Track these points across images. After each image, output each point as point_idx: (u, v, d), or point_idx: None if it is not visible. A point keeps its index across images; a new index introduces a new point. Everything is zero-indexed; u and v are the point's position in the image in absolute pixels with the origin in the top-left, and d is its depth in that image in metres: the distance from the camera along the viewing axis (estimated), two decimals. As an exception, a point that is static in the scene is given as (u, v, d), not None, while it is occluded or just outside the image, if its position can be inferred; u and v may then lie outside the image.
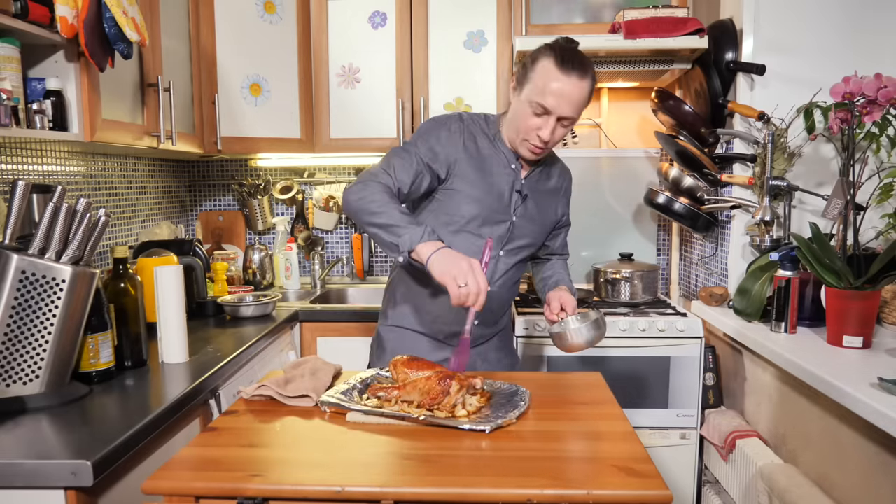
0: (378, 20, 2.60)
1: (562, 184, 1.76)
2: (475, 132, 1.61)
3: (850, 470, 1.47)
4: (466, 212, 1.59)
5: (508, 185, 1.62)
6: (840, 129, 1.77)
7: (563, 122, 1.50)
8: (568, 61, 1.46)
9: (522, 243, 1.67)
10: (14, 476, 1.09)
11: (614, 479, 1.00)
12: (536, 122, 1.50)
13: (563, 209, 1.78)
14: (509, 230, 1.64)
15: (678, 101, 2.38)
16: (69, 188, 2.08)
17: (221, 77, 2.42)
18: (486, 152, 1.60)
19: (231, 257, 2.76)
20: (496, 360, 1.77)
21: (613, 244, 2.85)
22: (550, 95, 1.46)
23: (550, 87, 1.45)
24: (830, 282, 1.73)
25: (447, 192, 1.59)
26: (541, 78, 1.47)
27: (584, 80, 1.47)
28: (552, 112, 1.48)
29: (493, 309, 1.68)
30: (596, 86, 1.56)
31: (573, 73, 1.45)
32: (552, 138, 1.52)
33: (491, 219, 1.61)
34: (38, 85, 1.59)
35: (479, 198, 1.58)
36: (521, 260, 1.70)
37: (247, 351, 1.86)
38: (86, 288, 1.39)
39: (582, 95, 1.48)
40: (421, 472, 1.03)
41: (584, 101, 1.50)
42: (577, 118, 1.52)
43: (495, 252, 1.63)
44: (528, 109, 1.50)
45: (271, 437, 1.18)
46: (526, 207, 1.65)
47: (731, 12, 2.26)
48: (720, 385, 2.26)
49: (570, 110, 1.48)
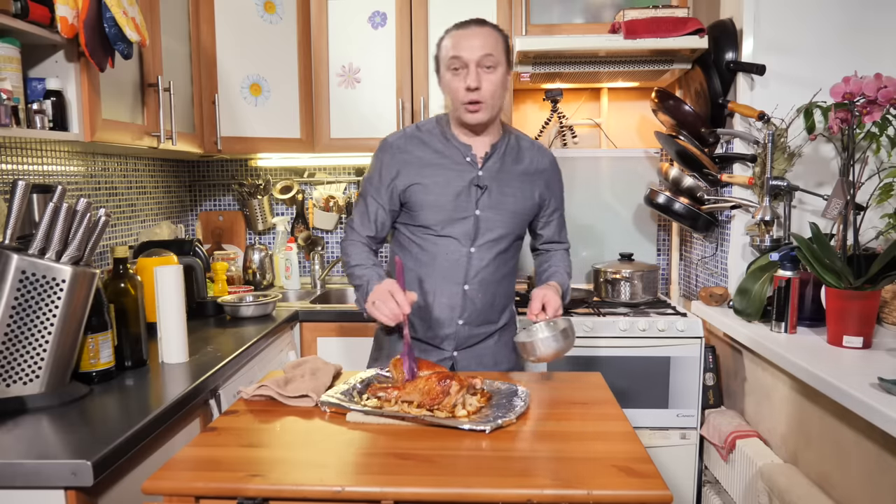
0: (378, 20, 2.60)
1: (537, 166, 1.70)
2: (425, 138, 1.66)
3: (850, 470, 1.47)
4: (428, 217, 1.63)
5: (466, 181, 1.62)
6: (840, 129, 1.77)
7: (483, 64, 1.53)
8: (463, 23, 1.57)
9: (494, 236, 1.65)
10: (14, 476, 1.09)
11: (614, 479, 1.00)
12: (459, 80, 1.55)
13: (543, 192, 1.71)
14: (475, 225, 1.63)
15: (678, 101, 2.38)
16: (69, 188, 2.08)
17: (221, 77, 2.42)
18: (438, 153, 1.64)
19: (231, 257, 2.76)
20: (493, 362, 1.74)
21: (613, 244, 2.85)
22: (458, 48, 1.54)
23: (456, 43, 1.55)
24: (830, 282, 1.73)
25: (410, 204, 1.64)
26: (445, 47, 1.57)
27: (482, 26, 1.56)
28: (467, 60, 1.53)
29: (477, 307, 1.67)
30: (507, 38, 1.61)
31: (470, 25, 1.56)
32: (482, 86, 1.54)
33: (454, 217, 1.62)
34: (38, 85, 1.59)
35: (436, 201, 1.62)
36: (500, 253, 1.67)
37: (247, 351, 1.86)
38: (86, 288, 1.39)
39: (488, 37, 1.54)
40: (421, 472, 1.03)
41: (493, 42, 1.55)
42: (498, 59, 1.55)
43: (467, 249, 1.64)
44: (449, 75, 1.57)
45: (271, 437, 1.18)
46: (490, 198, 1.63)
47: (731, 12, 2.26)
48: (720, 385, 2.26)
49: (482, 48, 1.53)
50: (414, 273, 1.66)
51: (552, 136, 2.93)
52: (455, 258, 1.63)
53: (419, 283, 1.66)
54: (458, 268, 1.64)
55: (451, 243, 1.63)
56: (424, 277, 1.65)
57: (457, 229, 1.62)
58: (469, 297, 1.65)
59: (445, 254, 1.63)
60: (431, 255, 1.64)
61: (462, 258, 1.63)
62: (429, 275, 1.65)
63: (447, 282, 1.64)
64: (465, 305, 1.65)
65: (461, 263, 1.63)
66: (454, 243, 1.63)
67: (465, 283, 1.64)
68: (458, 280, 1.64)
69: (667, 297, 2.75)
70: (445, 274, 1.64)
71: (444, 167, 1.62)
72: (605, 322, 2.26)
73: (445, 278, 1.64)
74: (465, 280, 1.64)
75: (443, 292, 1.65)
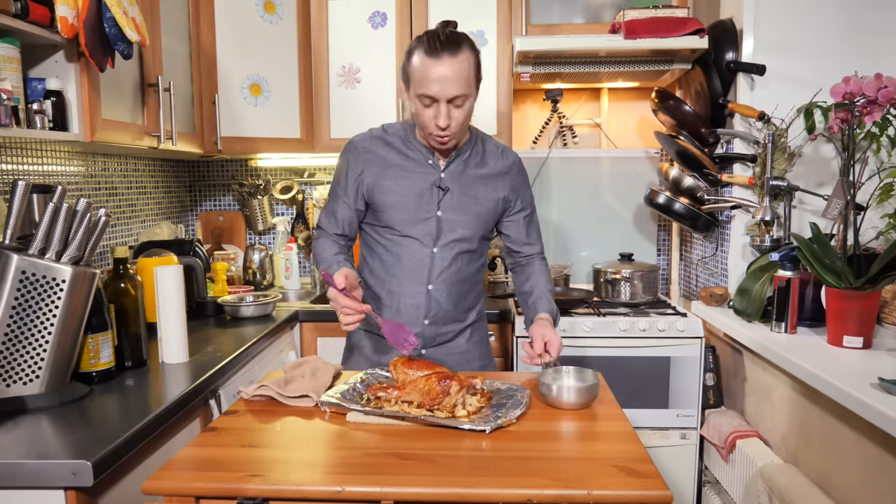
0: (378, 20, 2.60)
1: (501, 168, 1.71)
2: (390, 140, 1.67)
3: (850, 470, 1.47)
4: (392, 217, 1.64)
5: (428, 182, 1.64)
6: (840, 129, 1.77)
7: (454, 102, 1.51)
8: (435, 46, 1.48)
9: (456, 236, 1.66)
10: (14, 476, 1.09)
11: (614, 479, 1.00)
12: (430, 113, 1.53)
13: (507, 193, 1.70)
14: (437, 226, 1.65)
15: (678, 101, 2.38)
16: (69, 188, 2.08)
17: (221, 77, 2.42)
18: (403, 156, 1.65)
19: (231, 257, 2.76)
20: (464, 360, 1.74)
21: (613, 244, 2.85)
22: (430, 83, 1.48)
23: (427, 76, 1.48)
24: (830, 282, 1.73)
25: (375, 204, 1.66)
26: (417, 71, 1.50)
27: (456, 56, 1.48)
28: (439, 98, 1.50)
29: (442, 307, 1.68)
30: (478, 55, 1.56)
31: (444, 55, 1.47)
32: (451, 123, 1.53)
33: (415, 218, 1.64)
34: (38, 85, 1.59)
35: (399, 202, 1.63)
36: (462, 253, 1.68)
37: (247, 351, 1.86)
38: (86, 288, 1.39)
39: (460, 71, 1.49)
40: (421, 472, 1.03)
41: (465, 76, 1.50)
42: (469, 94, 1.52)
43: (429, 249, 1.65)
44: (420, 104, 1.53)
45: (271, 437, 1.18)
46: (452, 199, 1.65)
47: (731, 12, 2.26)
48: (720, 385, 2.26)
49: (455, 89, 1.49)
50: (380, 273, 1.69)
51: (552, 136, 2.93)
52: (418, 258, 1.65)
53: (385, 283, 1.69)
54: (422, 268, 1.66)
55: (413, 244, 1.65)
56: (390, 278, 1.68)
57: (419, 230, 1.65)
58: (433, 297, 1.67)
59: (409, 254, 1.66)
60: (396, 256, 1.67)
61: (425, 258, 1.65)
62: (394, 275, 1.67)
63: (411, 282, 1.66)
64: (430, 305, 1.67)
65: (424, 263, 1.65)
66: (417, 244, 1.65)
67: (429, 283, 1.66)
68: (422, 280, 1.66)
69: (667, 297, 2.75)
70: (409, 274, 1.66)
71: (407, 168, 1.65)
72: (605, 322, 2.26)
73: (410, 278, 1.66)
74: (429, 280, 1.66)
75: (407, 292, 1.67)
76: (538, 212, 1.84)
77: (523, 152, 2.84)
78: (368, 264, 1.73)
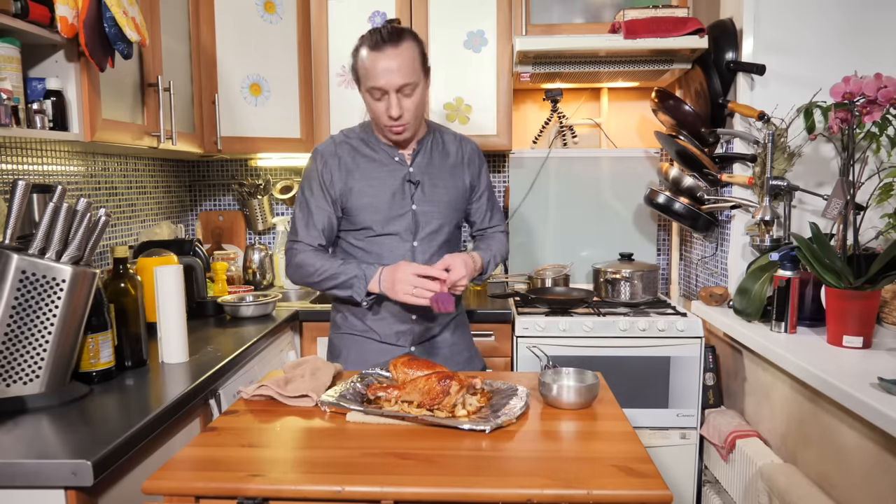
0: (378, 20, 2.60)
1: (462, 155, 1.78)
2: (354, 144, 1.71)
3: (850, 470, 1.47)
4: (367, 218, 1.67)
5: (399, 179, 1.68)
6: (840, 129, 1.77)
7: (403, 92, 1.56)
8: (377, 41, 1.55)
9: (433, 227, 1.70)
10: (14, 476, 1.09)
11: (614, 479, 1.00)
12: (382, 106, 1.58)
13: (470, 178, 1.79)
14: (414, 219, 1.68)
15: (678, 101, 2.38)
16: (69, 188, 2.08)
17: (221, 77, 2.42)
18: (368, 158, 1.69)
19: (231, 257, 2.76)
20: (449, 353, 1.78)
21: (613, 244, 2.85)
22: (376, 76, 1.54)
23: (374, 69, 1.54)
24: (830, 282, 1.73)
25: (348, 208, 1.68)
26: (363, 67, 1.57)
27: (398, 46, 1.54)
28: (387, 89, 1.55)
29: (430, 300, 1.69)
30: (421, 45, 1.61)
31: (386, 47, 1.53)
32: (403, 112, 1.58)
33: (391, 215, 1.67)
34: (38, 85, 1.59)
35: (372, 202, 1.67)
36: (442, 244, 1.72)
37: (247, 351, 1.86)
38: (86, 288, 1.39)
39: (405, 61, 1.54)
40: (421, 472, 1.03)
41: (409, 65, 1.55)
42: (416, 82, 1.57)
43: (409, 243, 1.68)
44: (371, 98, 1.59)
45: (271, 437, 1.18)
46: (423, 192, 1.69)
47: (731, 12, 2.26)
48: (720, 385, 2.26)
49: (401, 78, 1.54)
50: None
51: (552, 135, 2.93)
52: (400, 254, 1.68)
53: None
54: None
55: (393, 240, 1.68)
56: None
57: (397, 225, 1.68)
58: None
59: (390, 251, 1.68)
60: (377, 256, 1.69)
61: (406, 253, 1.69)
62: None
63: None
64: None
65: (406, 259, 1.68)
66: (396, 240, 1.68)
67: None
68: None
69: (667, 297, 2.75)
70: None
71: (376, 169, 1.68)
72: (605, 322, 2.26)
73: None
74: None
75: None
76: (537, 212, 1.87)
77: (523, 152, 2.84)
78: None
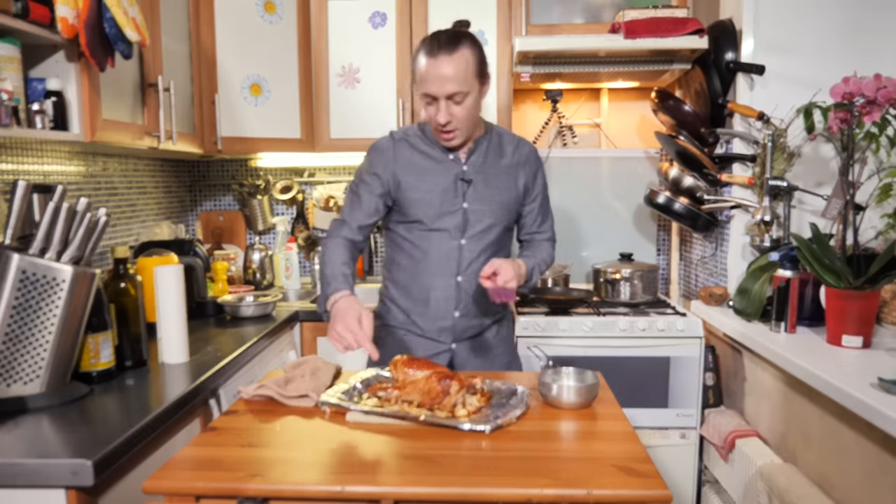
0: (378, 20, 2.60)
1: (519, 157, 1.77)
2: (411, 140, 1.72)
3: (850, 470, 1.47)
4: (419, 212, 1.68)
5: (452, 177, 1.68)
6: (840, 129, 1.77)
7: (454, 99, 1.56)
8: (434, 46, 1.55)
9: (483, 227, 1.70)
10: (15, 475, 1.09)
11: (614, 479, 1.00)
12: (432, 111, 1.59)
13: (525, 180, 1.76)
14: (464, 217, 1.69)
15: (678, 101, 2.38)
16: (69, 188, 2.08)
17: (221, 77, 2.42)
18: (424, 154, 1.70)
19: (231, 257, 2.76)
20: (491, 355, 1.78)
21: (613, 244, 2.85)
22: (428, 83, 1.56)
23: (426, 75, 1.55)
24: (830, 282, 1.73)
25: (400, 201, 1.69)
26: (418, 72, 1.58)
27: (453, 54, 1.54)
28: (437, 96, 1.56)
29: (472, 298, 1.71)
30: (480, 51, 1.61)
31: (440, 54, 1.54)
32: (451, 119, 1.58)
33: (443, 211, 1.67)
34: (38, 85, 1.59)
35: (424, 197, 1.67)
36: (490, 244, 1.71)
37: (247, 351, 1.86)
38: (86, 288, 1.39)
39: (457, 69, 1.54)
40: (421, 472, 1.03)
41: (461, 73, 1.55)
42: (467, 90, 1.57)
43: (457, 241, 1.68)
44: (423, 103, 1.61)
45: (271, 437, 1.18)
46: (476, 191, 1.69)
47: (730, 12, 2.26)
48: (720, 385, 2.27)
49: (452, 87, 1.54)
50: (410, 269, 1.72)
51: (552, 136, 2.93)
52: (446, 251, 1.68)
53: (415, 277, 1.71)
54: (451, 260, 1.69)
55: (442, 236, 1.68)
56: (420, 272, 1.71)
57: (447, 222, 1.68)
58: (463, 288, 1.70)
59: (437, 247, 1.69)
60: (424, 251, 1.69)
61: (453, 251, 1.68)
62: (423, 269, 1.70)
63: (441, 275, 1.69)
64: (460, 297, 1.71)
65: (453, 256, 1.69)
66: (445, 236, 1.68)
67: (459, 274, 1.69)
68: (452, 272, 1.69)
69: (667, 297, 2.75)
70: (439, 267, 1.69)
71: (430, 166, 1.69)
72: (604, 322, 2.26)
73: (439, 272, 1.69)
74: (458, 272, 1.69)
75: (438, 286, 1.70)
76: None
77: (523, 152, 2.84)
78: (396, 262, 1.75)
